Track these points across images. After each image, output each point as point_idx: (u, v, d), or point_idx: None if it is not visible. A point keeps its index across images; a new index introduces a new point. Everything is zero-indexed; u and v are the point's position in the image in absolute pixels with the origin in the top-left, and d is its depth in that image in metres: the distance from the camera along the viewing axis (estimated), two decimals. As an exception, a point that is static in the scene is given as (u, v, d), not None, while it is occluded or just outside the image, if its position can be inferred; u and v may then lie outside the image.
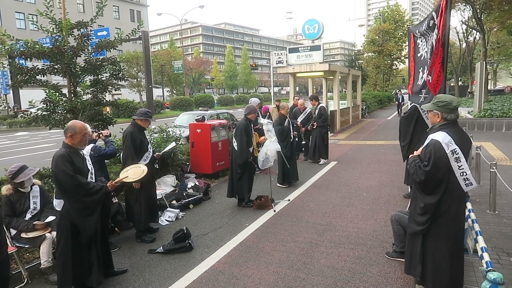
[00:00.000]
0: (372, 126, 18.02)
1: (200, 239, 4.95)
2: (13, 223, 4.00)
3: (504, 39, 32.75)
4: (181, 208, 6.10)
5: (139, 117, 5.00)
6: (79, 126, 3.54)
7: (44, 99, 5.64)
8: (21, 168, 4.07)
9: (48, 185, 5.28)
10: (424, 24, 5.21)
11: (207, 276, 3.95)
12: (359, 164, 9.27)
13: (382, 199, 6.34)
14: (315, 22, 17.05)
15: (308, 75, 17.58)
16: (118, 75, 6.15)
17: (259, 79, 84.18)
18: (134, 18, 53.96)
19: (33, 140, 18.90)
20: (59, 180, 3.39)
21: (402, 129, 5.82)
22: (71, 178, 3.35)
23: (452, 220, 3.03)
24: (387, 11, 40.76)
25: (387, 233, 4.75)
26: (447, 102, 3.06)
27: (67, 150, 3.47)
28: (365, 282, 3.68)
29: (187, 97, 41.00)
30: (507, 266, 3.76)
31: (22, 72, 5.59)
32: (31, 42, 5.51)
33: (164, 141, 7.47)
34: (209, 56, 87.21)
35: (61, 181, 3.38)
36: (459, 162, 2.96)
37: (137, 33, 6.63)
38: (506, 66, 43.61)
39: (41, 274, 4.01)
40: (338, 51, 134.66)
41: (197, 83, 69.07)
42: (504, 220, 5.06)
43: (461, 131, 3.16)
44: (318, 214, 5.72)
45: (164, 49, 61.09)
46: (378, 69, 38.48)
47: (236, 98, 48.93)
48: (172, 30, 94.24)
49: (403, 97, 23.73)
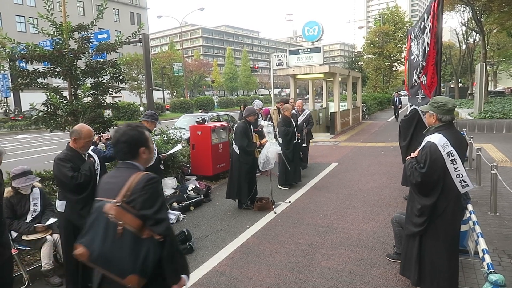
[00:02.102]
0: (372, 128, 18.03)
1: (200, 241, 4.95)
2: (14, 226, 4.00)
3: (504, 41, 32.84)
4: (181, 210, 6.10)
5: (146, 118, 5.09)
6: (85, 132, 3.47)
7: (45, 101, 5.65)
8: (24, 172, 4.07)
9: (49, 188, 5.29)
10: (417, 26, 5.25)
11: (208, 278, 3.94)
12: (359, 166, 9.27)
13: (383, 201, 6.34)
14: (315, 24, 17.09)
15: (308, 77, 17.62)
16: (118, 78, 6.15)
17: (259, 81, 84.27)
18: (134, 21, 54.06)
19: (33, 142, 18.92)
20: (59, 181, 3.42)
21: (402, 130, 5.83)
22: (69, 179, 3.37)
23: (448, 222, 3.05)
24: (386, 13, 40.81)
25: (388, 235, 4.74)
26: (443, 103, 3.08)
27: (68, 153, 3.48)
28: (366, 284, 3.67)
29: (187, 99, 41.06)
30: (508, 268, 3.76)
31: (23, 75, 5.59)
32: (32, 45, 5.51)
33: (165, 143, 7.47)
34: (209, 59, 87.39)
35: (60, 181, 3.41)
36: (455, 164, 2.97)
37: (138, 35, 6.63)
38: (506, 67, 43.65)
39: (42, 277, 4.01)
40: (338, 53, 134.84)
41: (197, 85, 69.22)
42: (505, 222, 5.05)
43: (457, 133, 3.17)
44: (319, 216, 5.72)
45: (164, 52, 61.16)
46: (378, 71, 38.50)
47: (236, 100, 48.97)
48: (172, 33, 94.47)
49: (400, 99, 22.10)
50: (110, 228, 1.85)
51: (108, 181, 2.07)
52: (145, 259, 1.86)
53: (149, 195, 1.92)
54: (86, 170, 3.45)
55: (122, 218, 1.86)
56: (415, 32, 5.36)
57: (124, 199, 1.90)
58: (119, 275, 1.84)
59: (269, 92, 75.31)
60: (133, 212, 1.88)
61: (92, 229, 1.89)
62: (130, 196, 1.90)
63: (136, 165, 2.06)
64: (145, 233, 1.89)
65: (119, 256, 1.84)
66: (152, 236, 1.89)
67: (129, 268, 1.84)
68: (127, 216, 1.87)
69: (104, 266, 1.86)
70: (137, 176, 1.95)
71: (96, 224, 1.89)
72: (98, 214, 1.90)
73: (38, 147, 16.68)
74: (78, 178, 3.38)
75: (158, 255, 1.91)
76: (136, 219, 1.88)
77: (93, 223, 1.90)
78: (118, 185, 1.94)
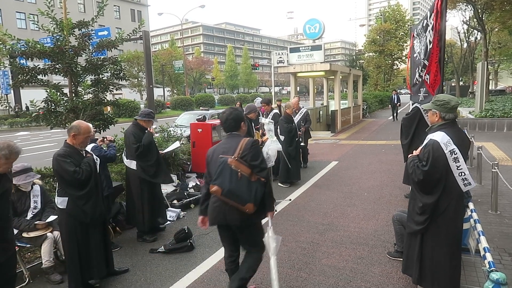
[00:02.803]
0: (373, 126, 18.01)
1: (201, 238, 4.95)
2: (15, 223, 3.99)
3: (505, 39, 32.72)
4: (182, 207, 6.10)
5: (142, 118, 4.98)
6: (84, 127, 3.51)
7: (45, 98, 5.64)
8: (24, 169, 4.07)
9: (49, 185, 5.29)
10: (420, 24, 5.23)
11: (209, 276, 3.95)
12: (360, 164, 9.26)
13: (384, 199, 6.33)
14: (316, 22, 17.03)
15: (309, 75, 17.58)
16: (119, 75, 6.14)
17: (260, 79, 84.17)
18: (135, 18, 54.00)
19: (34, 139, 18.91)
20: (61, 177, 3.41)
21: (404, 129, 5.82)
22: (71, 174, 3.38)
23: (450, 220, 3.03)
24: (388, 11, 40.72)
25: (389, 233, 4.74)
26: (446, 101, 3.06)
27: (67, 150, 3.48)
28: (367, 282, 3.67)
29: (188, 97, 41.01)
30: (509, 266, 3.75)
31: (23, 71, 5.58)
32: (32, 42, 5.50)
33: (165, 141, 7.46)
34: (210, 56, 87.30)
35: (62, 177, 3.41)
36: (457, 162, 2.96)
37: (138, 32, 6.62)
38: (508, 66, 43.58)
39: (43, 274, 4.01)
40: (339, 51, 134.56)
41: (197, 83, 69.11)
42: (506, 220, 5.05)
43: (460, 131, 3.15)
44: (320, 214, 5.72)
45: (165, 49, 61.12)
46: (379, 69, 38.46)
47: (237, 97, 48.91)
48: (173, 30, 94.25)
49: (398, 97, 20.79)
50: (233, 174, 2.87)
51: (224, 146, 3.07)
52: (256, 193, 2.89)
53: (255, 152, 2.98)
54: (87, 166, 3.46)
55: (239, 167, 2.90)
56: (417, 30, 5.35)
57: (239, 155, 2.93)
58: (241, 203, 2.86)
59: (269, 90, 75.27)
60: (246, 163, 2.91)
61: (221, 175, 2.89)
62: (242, 153, 2.94)
63: (239, 134, 3.13)
64: (253, 177, 2.92)
65: (240, 191, 2.86)
66: (259, 178, 2.92)
67: (247, 198, 2.86)
68: (242, 166, 2.91)
69: (231, 198, 2.86)
70: (244, 140, 3.02)
71: (224, 172, 2.88)
72: (224, 165, 2.90)
73: (38, 144, 16.68)
74: (80, 173, 3.39)
75: (263, 192, 2.95)
76: (247, 168, 2.91)
77: (221, 171, 2.90)
78: (233, 147, 2.99)
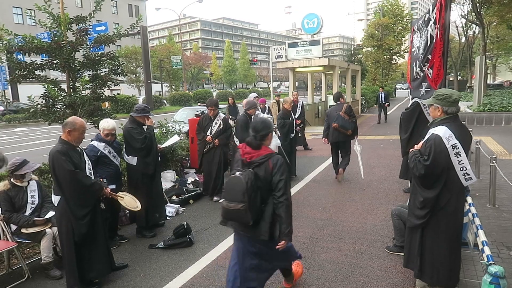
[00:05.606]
0: (371, 121, 18.00)
1: (200, 234, 4.96)
2: (13, 219, 4.00)
3: (503, 33, 32.70)
4: (181, 203, 6.10)
5: (137, 114, 4.87)
6: (79, 123, 3.52)
7: (43, 94, 5.62)
8: (24, 161, 4.08)
9: (48, 181, 5.27)
10: (422, 19, 5.21)
11: (208, 271, 3.96)
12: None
13: (382, 194, 6.35)
14: (315, 17, 16.98)
15: (308, 70, 17.55)
16: (117, 70, 6.12)
17: (258, 74, 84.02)
18: (132, 13, 53.64)
19: (32, 135, 18.86)
20: (58, 175, 3.38)
21: (403, 123, 5.81)
22: (70, 173, 3.35)
23: (451, 215, 3.04)
24: (386, 6, 40.56)
25: (387, 228, 4.76)
26: (447, 95, 3.05)
27: (64, 146, 3.46)
28: (366, 276, 3.69)
29: (186, 92, 40.92)
30: (507, 260, 3.78)
31: (20, 67, 5.55)
32: (29, 37, 5.46)
33: (164, 136, 7.44)
34: (208, 51, 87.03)
35: (60, 176, 3.37)
36: (459, 157, 2.95)
37: (136, 28, 6.59)
38: (506, 60, 43.57)
39: (42, 270, 4.01)
40: (337, 46, 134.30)
41: (196, 78, 68.96)
42: (503, 214, 5.07)
43: (462, 125, 3.14)
44: (318, 209, 5.73)
45: (163, 44, 60.83)
46: (377, 64, 38.40)
47: (235, 93, 48.83)
48: (171, 25, 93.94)
49: (386, 95, 17.16)
50: (343, 119, 4.67)
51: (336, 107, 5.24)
52: (355, 124, 5.55)
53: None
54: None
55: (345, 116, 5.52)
56: (418, 24, 5.32)
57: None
58: (347, 130, 5.09)
59: (268, 85, 75.14)
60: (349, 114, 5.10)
61: (338, 119, 4.90)
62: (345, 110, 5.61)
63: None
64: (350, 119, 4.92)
65: (347, 124, 5.26)
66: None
67: (349, 127, 5.70)
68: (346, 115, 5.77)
69: (343, 128, 5.47)
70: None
71: (338, 118, 4.39)
72: (338, 115, 4.46)
73: (36, 140, 16.64)
74: (87, 180, 3.50)
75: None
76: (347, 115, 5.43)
77: (337, 118, 4.59)
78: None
